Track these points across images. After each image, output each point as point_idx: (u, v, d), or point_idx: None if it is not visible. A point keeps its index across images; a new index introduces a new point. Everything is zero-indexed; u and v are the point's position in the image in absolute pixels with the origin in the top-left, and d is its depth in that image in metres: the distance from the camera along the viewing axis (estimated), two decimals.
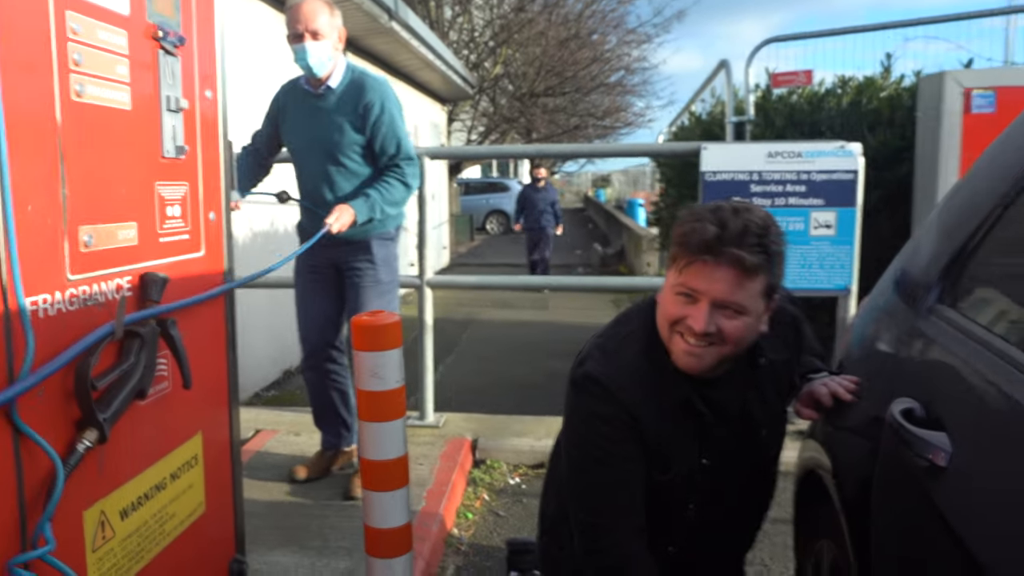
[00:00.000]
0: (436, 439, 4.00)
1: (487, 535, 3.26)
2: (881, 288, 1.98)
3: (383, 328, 1.62)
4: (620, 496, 1.72)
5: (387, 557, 1.71)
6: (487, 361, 7.04)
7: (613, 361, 1.71)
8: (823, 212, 3.64)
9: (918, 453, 1.27)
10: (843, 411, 1.75)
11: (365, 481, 1.69)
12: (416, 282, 4.08)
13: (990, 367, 1.25)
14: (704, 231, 1.54)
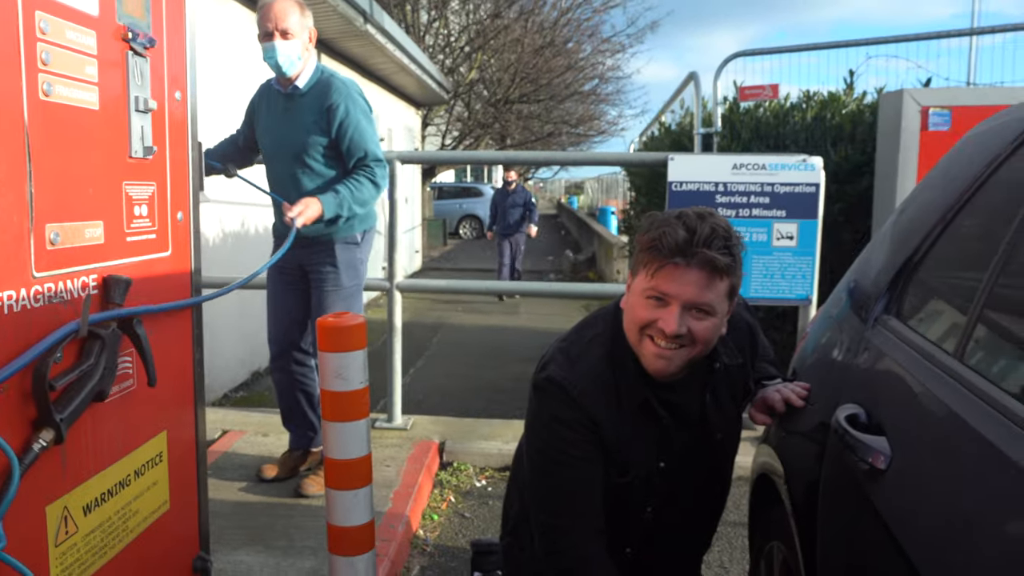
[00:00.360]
0: (404, 441, 4.01)
1: (452, 536, 3.28)
2: (835, 298, 2.04)
3: (348, 329, 1.64)
4: (579, 498, 1.74)
5: (350, 555, 1.72)
6: (457, 365, 7.06)
7: (576, 365, 1.74)
8: (785, 224, 3.72)
9: (860, 457, 1.32)
10: (795, 417, 1.80)
11: (329, 480, 1.71)
12: (385, 285, 4.10)
13: (927, 375, 1.30)
14: (675, 235, 1.59)
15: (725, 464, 1.93)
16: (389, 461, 3.73)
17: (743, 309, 1.93)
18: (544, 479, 1.78)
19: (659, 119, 7.88)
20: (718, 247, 1.58)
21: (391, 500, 3.29)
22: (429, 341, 8.17)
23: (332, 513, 1.72)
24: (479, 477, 3.88)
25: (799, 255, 3.75)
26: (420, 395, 5.96)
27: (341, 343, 1.63)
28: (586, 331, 1.82)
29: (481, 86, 19.36)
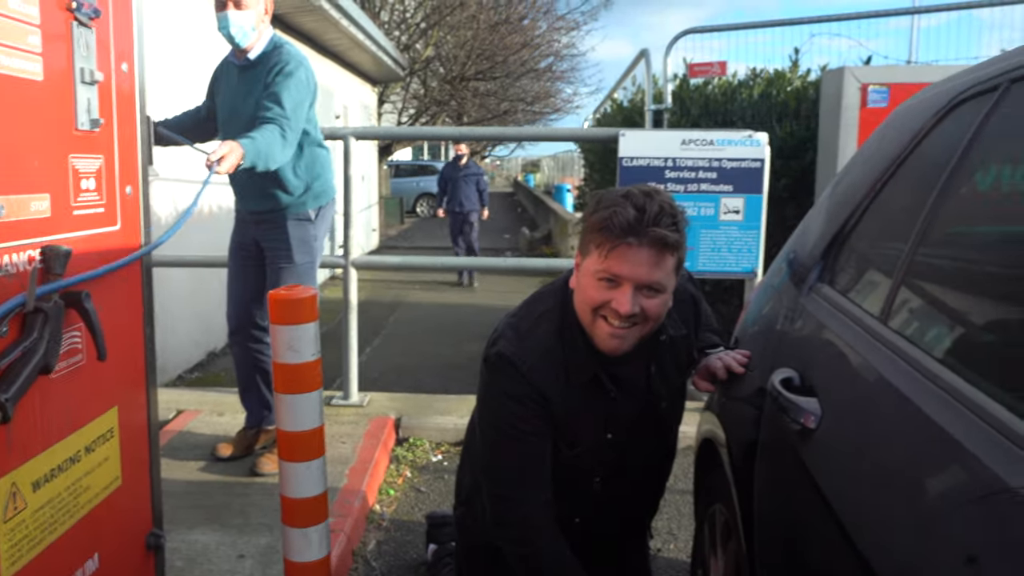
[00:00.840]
0: (360, 418, 4.02)
1: (408, 511, 3.31)
2: (775, 269, 2.10)
3: (299, 302, 1.65)
4: (529, 471, 1.78)
5: (303, 526, 1.74)
6: (413, 343, 7.06)
7: (525, 341, 1.76)
8: (732, 198, 3.80)
9: (792, 418, 1.37)
10: (736, 383, 1.86)
11: (282, 452, 1.72)
12: (341, 263, 4.08)
13: (854, 337, 1.36)
14: (625, 214, 1.60)
15: (670, 432, 1.98)
16: (345, 438, 3.74)
17: (687, 281, 1.98)
18: (495, 452, 1.82)
19: (612, 96, 7.93)
20: (667, 224, 1.61)
21: (347, 476, 3.30)
22: (386, 319, 8.15)
23: (285, 485, 1.74)
24: (435, 452, 3.91)
25: (745, 229, 3.83)
26: (376, 373, 5.94)
27: (292, 316, 1.64)
28: (535, 307, 1.84)
29: (437, 63, 19.19)
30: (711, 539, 2.00)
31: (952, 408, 1.00)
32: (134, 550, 1.78)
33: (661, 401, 1.89)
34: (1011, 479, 0.83)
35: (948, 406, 1.01)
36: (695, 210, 3.82)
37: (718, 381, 1.92)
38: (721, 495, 1.87)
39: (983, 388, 1.00)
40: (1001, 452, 0.88)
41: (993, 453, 0.88)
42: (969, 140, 1.32)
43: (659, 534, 3.07)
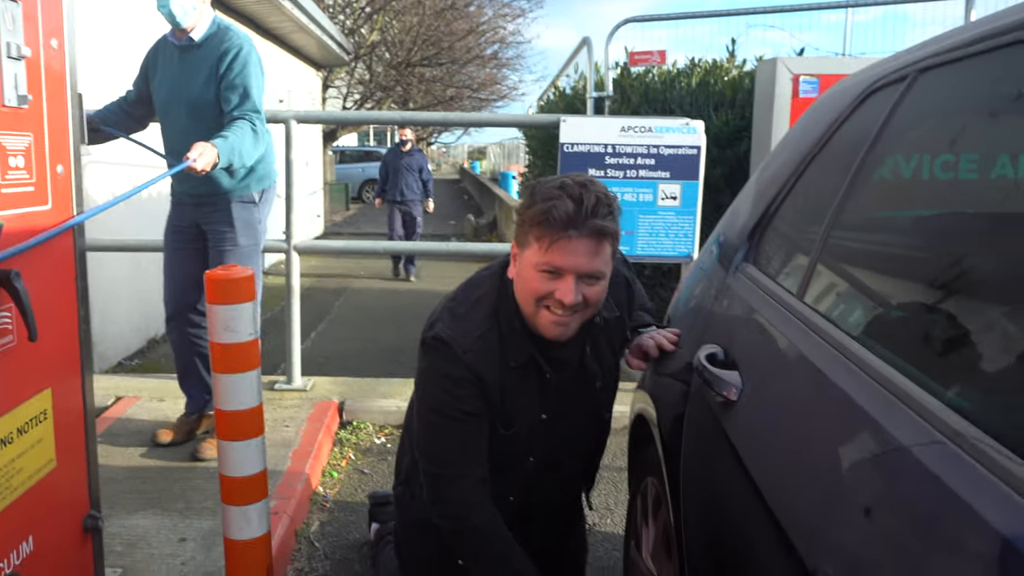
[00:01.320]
0: (303, 402, 4.00)
1: (352, 492, 3.32)
2: (705, 251, 2.17)
3: (236, 282, 1.64)
4: (464, 450, 1.81)
5: (243, 504, 1.75)
6: (358, 329, 7.03)
7: (462, 324, 1.78)
8: (669, 184, 3.87)
9: (716, 391, 1.43)
10: (666, 360, 1.91)
11: (220, 432, 1.72)
12: (283, 247, 4.04)
13: (774, 313, 1.43)
14: (564, 207, 1.62)
15: (604, 411, 2.03)
16: (288, 421, 3.73)
17: (620, 264, 2.03)
18: (432, 433, 1.84)
19: (555, 84, 7.97)
20: (604, 214, 1.65)
21: (290, 459, 3.29)
22: (331, 306, 8.09)
23: (224, 464, 1.74)
24: (378, 434, 3.92)
25: (682, 215, 3.91)
26: (321, 358, 5.91)
27: (229, 295, 1.63)
28: (473, 291, 1.87)
29: (383, 48, 18.97)
30: (643, 510, 2.07)
31: (857, 377, 1.07)
32: (70, 532, 1.76)
33: (596, 380, 1.93)
34: (903, 438, 0.90)
35: (854, 375, 1.07)
36: (634, 196, 3.89)
37: (650, 359, 1.97)
38: (652, 468, 1.93)
39: (886, 359, 1.06)
40: (897, 415, 0.94)
41: (889, 416, 0.95)
42: (880, 127, 1.39)
43: (596, 510, 3.14)
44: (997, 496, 0.74)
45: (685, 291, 2.18)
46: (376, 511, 2.77)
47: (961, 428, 0.84)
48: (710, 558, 1.39)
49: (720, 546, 1.33)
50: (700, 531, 1.46)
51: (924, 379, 0.96)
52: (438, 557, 2.03)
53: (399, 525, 2.19)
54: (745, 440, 1.30)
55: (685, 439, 1.61)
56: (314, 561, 2.75)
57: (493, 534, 1.81)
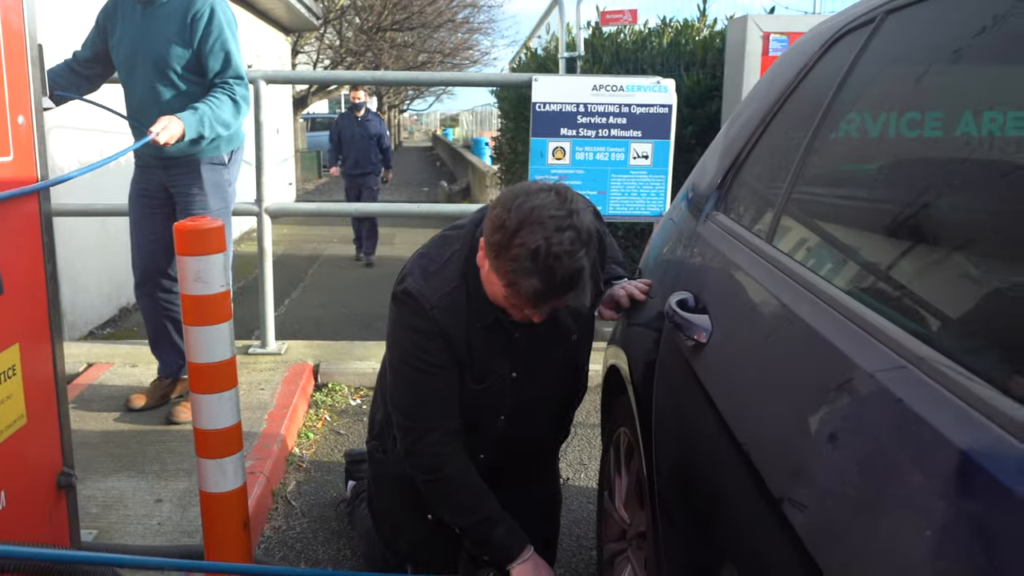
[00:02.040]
0: (278, 365, 3.99)
1: (328, 452, 3.33)
2: (675, 205, 2.17)
3: (206, 232, 1.62)
4: (436, 402, 1.82)
5: (218, 457, 1.74)
6: (332, 295, 7.01)
7: (432, 281, 1.78)
8: (641, 143, 3.87)
9: (687, 335, 1.45)
10: (637, 310, 1.93)
11: (194, 385, 1.70)
12: (254, 210, 3.99)
13: (743, 257, 1.44)
14: (528, 287, 1.55)
15: (578, 364, 2.04)
16: (264, 384, 3.71)
17: (592, 216, 2.02)
18: (404, 385, 1.85)
19: (527, 45, 7.90)
20: (580, 285, 1.56)
21: (266, 421, 3.29)
22: (305, 272, 8.05)
23: (198, 418, 1.73)
24: (354, 396, 3.92)
25: (653, 174, 3.92)
26: (295, 325, 5.90)
27: (199, 246, 1.61)
28: (444, 248, 1.85)
29: (352, 12, 18.64)
30: (616, 461, 2.09)
31: (824, 312, 1.08)
32: (44, 489, 1.75)
33: (571, 334, 1.94)
34: (866, 364, 0.91)
35: (820, 311, 1.09)
36: (605, 155, 3.88)
37: (621, 309, 1.98)
38: (625, 418, 1.95)
39: (852, 293, 1.08)
40: (860, 344, 0.95)
41: (855, 346, 0.96)
42: (846, 71, 1.39)
43: (570, 465, 3.18)
44: (957, 414, 0.76)
45: (656, 243, 2.19)
46: (352, 468, 2.78)
47: (924, 353, 0.85)
48: (682, 500, 1.42)
49: (691, 488, 1.35)
50: (672, 475, 1.48)
51: (888, 310, 0.98)
52: (410, 511, 2.06)
53: (372, 480, 2.20)
54: (715, 380, 1.31)
55: (657, 385, 1.62)
56: (291, 519, 2.77)
57: (466, 484, 1.83)
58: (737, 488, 1.13)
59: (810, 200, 1.41)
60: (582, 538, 2.68)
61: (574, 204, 1.56)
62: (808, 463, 0.94)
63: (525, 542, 1.85)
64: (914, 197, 1.05)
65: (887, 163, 1.23)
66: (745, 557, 1.08)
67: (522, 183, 1.66)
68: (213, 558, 1.85)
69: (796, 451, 0.97)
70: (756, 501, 1.03)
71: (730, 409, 1.21)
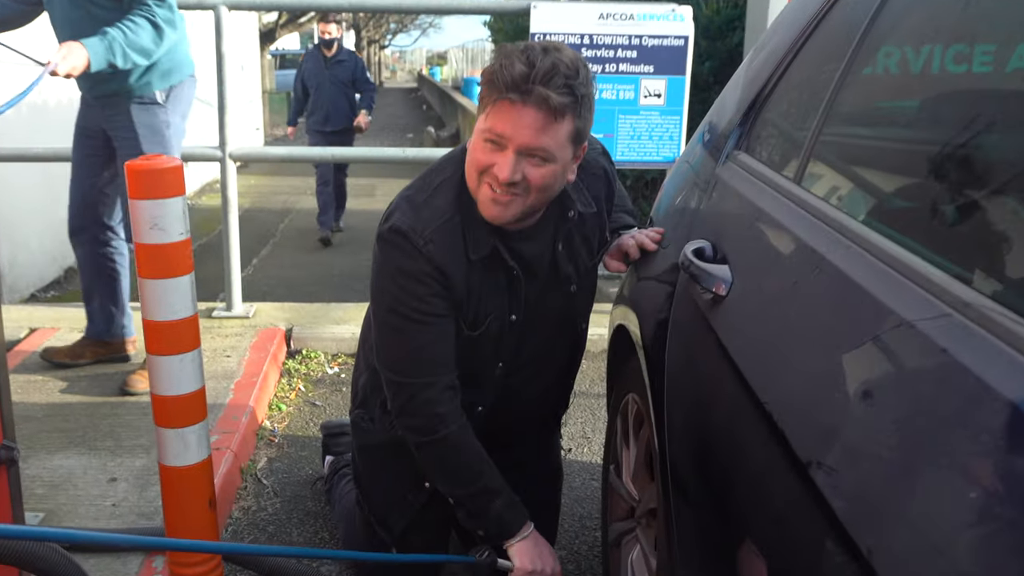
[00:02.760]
0: (246, 330, 3.99)
1: (303, 426, 3.34)
2: (690, 148, 2.16)
3: (162, 173, 1.59)
4: (430, 354, 1.81)
5: (179, 427, 1.74)
6: (306, 253, 7.00)
7: (421, 213, 1.76)
8: (653, 80, 3.83)
9: (704, 287, 1.44)
10: (648, 262, 1.93)
11: (151, 346, 1.70)
12: (216, 154, 3.96)
13: (768, 200, 1.43)
14: (512, 68, 1.59)
15: (579, 320, 2.04)
16: (229, 351, 3.72)
17: (599, 155, 2.00)
18: (393, 338, 1.83)
19: None
20: (557, 85, 1.59)
21: (232, 391, 3.30)
22: (275, 228, 8.03)
23: (156, 383, 1.72)
24: (331, 364, 3.93)
25: (667, 114, 3.88)
26: (265, 287, 5.90)
27: (155, 188, 1.59)
28: (434, 177, 1.83)
29: None
30: (623, 431, 2.11)
31: (860, 258, 1.07)
32: None
33: (571, 283, 1.94)
34: (906, 313, 0.91)
35: (856, 257, 1.08)
36: (613, 93, 3.84)
37: (630, 261, 1.98)
38: (634, 383, 1.96)
39: (889, 235, 1.07)
40: (899, 291, 0.95)
41: (892, 293, 0.96)
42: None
43: (572, 438, 3.21)
44: (1008, 364, 0.76)
45: (668, 189, 2.18)
46: (330, 442, 2.79)
47: (970, 299, 0.85)
48: (697, 472, 1.42)
49: (708, 457, 1.36)
50: (686, 444, 1.48)
51: (930, 254, 0.97)
52: (401, 483, 2.07)
53: (357, 451, 2.20)
54: (736, 337, 1.31)
55: (670, 345, 1.62)
56: (262, 499, 2.78)
57: (464, 448, 1.83)
58: (760, 456, 1.13)
59: (843, 139, 1.40)
60: (585, 518, 2.71)
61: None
62: (841, 424, 0.94)
63: (525, 518, 1.86)
64: (960, 137, 1.05)
65: (930, 101, 1.23)
66: (769, 533, 1.08)
67: None
68: None
69: (827, 412, 0.97)
70: (782, 470, 1.04)
71: (752, 367, 1.20)
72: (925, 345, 0.86)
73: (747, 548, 1.14)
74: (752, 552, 1.12)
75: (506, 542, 1.85)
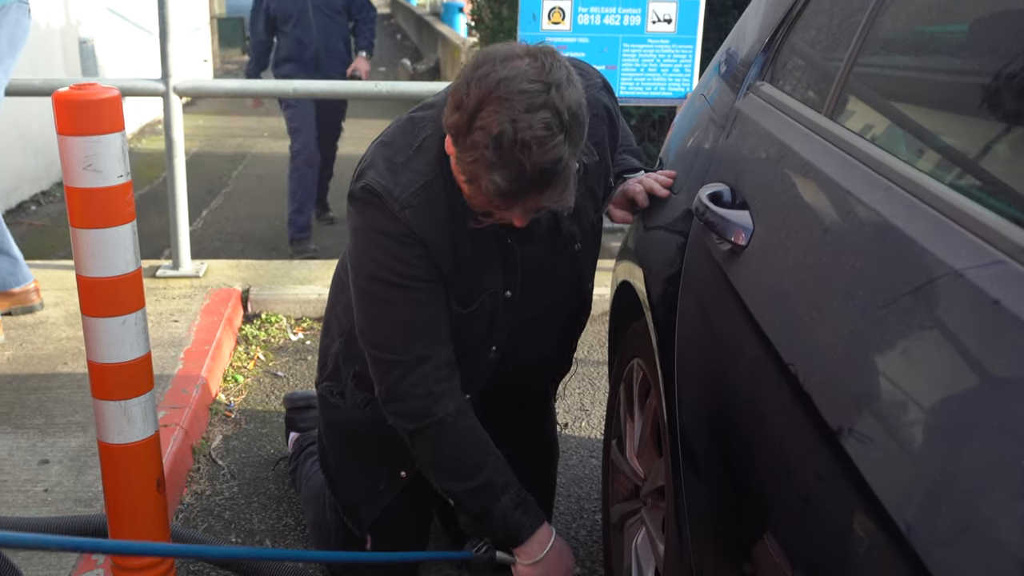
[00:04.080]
0: (196, 291, 3.97)
1: (263, 399, 3.34)
2: (705, 80, 2.15)
3: (97, 104, 1.55)
4: (422, 324, 1.79)
5: (121, 398, 1.73)
6: (265, 203, 6.93)
7: (401, 175, 1.73)
8: (663, 3, 3.78)
9: (722, 236, 1.44)
10: (657, 209, 1.92)
11: (86, 306, 1.67)
12: (159, 88, 3.90)
13: (795, 136, 1.42)
14: (495, 181, 1.51)
15: (584, 279, 2.03)
16: (177, 315, 3.70)
17: (600, 90, 1.96)
18: (378, 309, 1.81)
19: None
20: (556, 179, 1.53)
21: (181, 361, 3.29)
22: (228, 175, 7.95)
23: (93, 348, 1.70)
24: (294, 329, 3.93)
25: (678, 43, 3.85)
26: (218, 241, 5.86)
27: (89, 122, 1.54)
28: (414, 133, 1.80)
29: None
30: (627, 402, 2.12)
31: (898, 198, 1.07)
32: None
33: (574, 242, 1.92)
34: (953, 260, 0.91)
35: (894, 196, 1.08)
36: (616, 18, 3.80)
37: (638, 209, 1.97)
38: (640, 348, 1.97)
39: (933, 174, 1.07)
40: (946, 236, 0.95)
41: (937, 238, 0.96)
42: None
43: (569, 411, 3.22)
44: None
45: (680, 127, 2.17)
46: (295, 417, 2.79)
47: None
48: (711, 446, 1.43)
49: (723, 429, 1.36)
50: (699, 414, 1.49)
51: (981, 195, 0.97)
52: (374, 470, 2.07)
53: (324, 430, 2.20)
54: (757, 292, 1.31)
55: (681, 303, 1.62)
56: (217, 482, 2.79)
57: (462, 430, 1.83)
58: (784, 425, 1.14)
59: (882, 68, 1.39)
60: (584, 499, 2.73)
61: (555, 74, 1.51)
62: (877, 388, 0.95)
63: (540, 520, 1.86)
64: (1014, 65, 1.04)
65: (981, 23, 1.22)
66: (793, 511, 1.09)
67: (495, 46, 1.61)
68: (120, 529, 1.86)
69: (861, 374, 0.98)
70: (809, 440, 1.04)
71: (775, 326, 1.20)
72: (975, 297, 0.86)
73: (769, 530, 1.15)
74: (774, 534, 1.13)
75: (517, 548, 1.85)
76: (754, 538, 1.20)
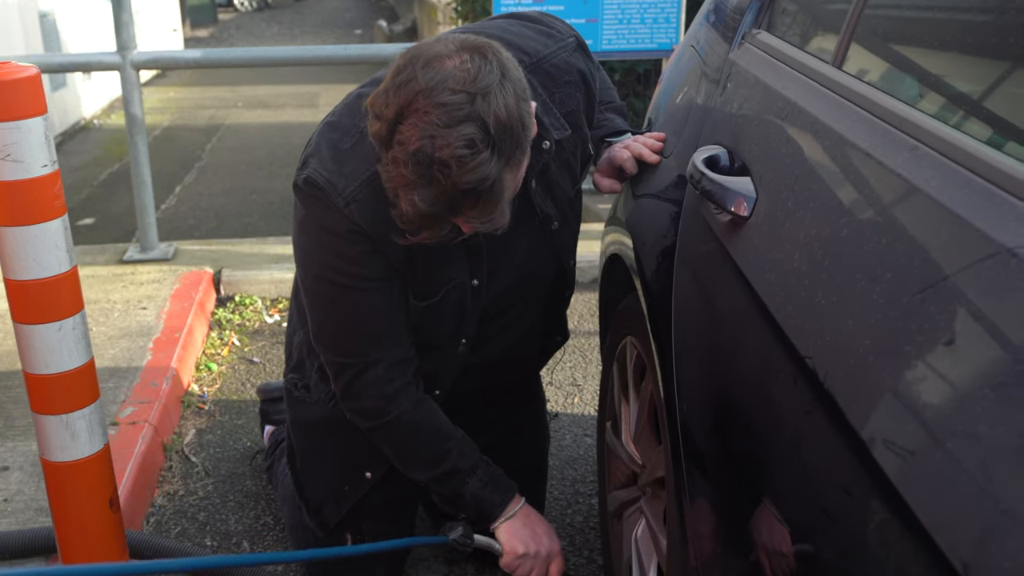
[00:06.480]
0: (165, 275, 3.89)
1: (238, 388, 3.26)
2: (693, 32, 2.08)
3: (14, 85, 1.40)
4: (374, 327, 1.75)
5: (62, 412, 1.62)
6: (239, 178, 6.89)
7: (345, 165, 1.63)
8: None
9: (720, 205, 1.35)
10: (647, 176, 1.84)
11: (16, 313, 1.55)
12: (115, 61, 3.75)
13: (800, 89, 1.33)
14: (414, 208, 1.40)
15: (564, 256, 1.96)
16: (145, 302, 3.61)
17: (572, 52, 1.80)
18: (328, 310, 1.77)
19: None
20: (483, 201, 1.40)
21: (150, 351, 3.21)
22: (202, 149, 7.88)
23: (28, 358, 1.58)
24: (270, 311, 3.85)
25: None
26: (191, 220, 5.83)
27: (4, 107, 1.39)
28: (361, 113, 1.61)
29: None
30: (621, 381, 2.05)
31: (928, 160, 0.96)
32: None
33: (551, 222, 1.84)
34: (1002, 236, 0.78)
35: (922, 158, 0.97)
36: None
37: (626, 177, 1.89)
38: (633, 325, 1.91)
39: (969, 131, 0.97)
40: (992, 206, 0.83)
41: (980, 208, 0.84)
42: None
43: (561, 387, 3.16)
44: None
45: (669, 82, 2.10)
46: (270, 409, 2.72)
47: None
48: (714, 432, 1.36)
49: (727, 415, 1.30)
50: (699, 398, 1.42)
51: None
52: (339, 470, 2.03)
53: (290, 426, 2.15)
54: (763, 270, 1.21)
55: (677, 278, 1.54)
56: (191, 481, 2.71)
57: (420, 423, 1.82)
58: (794, 413, 1.05)
59: (900, 6, 1.32)
60: (578, 482, 2.66)
61: (483, 81, 1.37)
62: (898, 372, 0.85)
63: (511, 493, 1.86)
64: None
65: None
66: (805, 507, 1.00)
67: (426, 42, 1.48)
68: (70, 553, 1.76)
69: (879, 357, 0.88)
70: (822, 429, 0.97)
71: (788, 311, 1.10)
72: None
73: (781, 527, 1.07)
74: (783, 531, 1.06)
75: (492, 525, 1.85)
76: (763, 538, 1.12)
